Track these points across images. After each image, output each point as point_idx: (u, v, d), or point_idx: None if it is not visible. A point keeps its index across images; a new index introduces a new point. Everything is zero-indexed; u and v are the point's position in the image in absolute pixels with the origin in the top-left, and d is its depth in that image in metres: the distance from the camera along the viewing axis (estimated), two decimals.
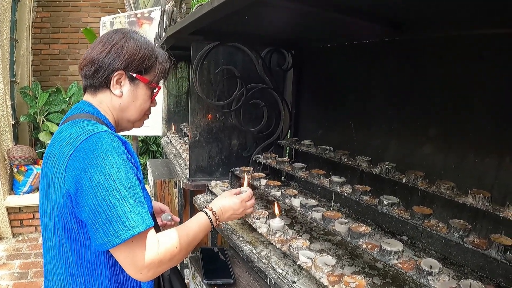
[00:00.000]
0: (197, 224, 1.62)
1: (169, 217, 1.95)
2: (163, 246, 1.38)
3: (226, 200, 1.80)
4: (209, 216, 1.67)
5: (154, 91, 1.66)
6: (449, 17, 1.52)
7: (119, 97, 1.55)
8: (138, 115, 1.64)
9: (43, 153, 6.31)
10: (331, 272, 1.46)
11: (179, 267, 3.69)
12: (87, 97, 1.58)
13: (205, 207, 1.73)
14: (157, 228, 1.67)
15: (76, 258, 1.40)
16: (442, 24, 1.65)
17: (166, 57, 1.67)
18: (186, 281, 2.87)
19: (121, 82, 1.54)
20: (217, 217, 1.71)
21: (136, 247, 1.31)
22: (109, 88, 1.54)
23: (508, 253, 1.26)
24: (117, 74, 1.51)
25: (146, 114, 1.70)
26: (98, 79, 1.52)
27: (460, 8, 1.36)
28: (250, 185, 2.28)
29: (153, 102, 1.69)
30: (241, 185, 2.11)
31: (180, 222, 3.45)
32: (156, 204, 2.05)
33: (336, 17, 1.55)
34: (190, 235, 1.53)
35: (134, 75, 1.54)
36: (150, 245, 1.33)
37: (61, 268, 1.44)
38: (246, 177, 2.07)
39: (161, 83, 1.69)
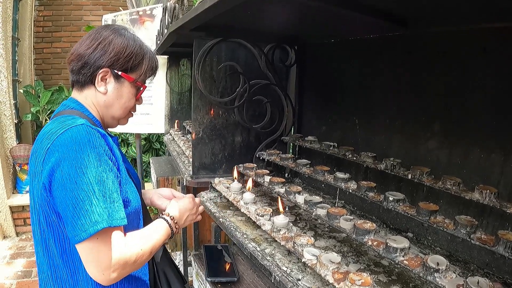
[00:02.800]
0: (159, 230, 1.56)
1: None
2: (128, 247, 1.35)
3: (179, 203, 1.76)
4: (168, 223, 1.61)
5: (140, 89, 1.68)
6: (452, 12, 1.51)
7: (103, 94, 1.57)
8: (122, 112, 1.66)
9: None
10: (336, 270, 1.45)
11: (182, 270, 3.69)
12: (74, 94, 1.61)
13: (163, 213, 1.68)
14: (149, 220, 1.66)
15: (60, 251, 1.41)
16: (445, 19, 1.63)
17: (154, 56, 1.69)
18: (189, 279, 2.85)
19: (106, 80, 1.56)
20: (175, 222, 1.65)
21: (101, 245, 1.29)
22: (94, 84, 1.56)
23: None
24: (102, 72, 1.53)
25: (130, 112, 1.72)
26: (83, 75, 1.54)
27: (463, 3, 1.34)
28: (254, 182, 2.27)
29: (138, 100, 1.71)
30: (245, 182, 2.11)
31: None
32: (167, 190, 2.01)
33: (339, 12, 1.54)
34: (153, 239, 1.48)
35: (120, 73, 1.56)
36: (116, 245, 1.31)
37: (47, 261, 1.45)
38: (250, 179, 2.07)
39: (148, 82, 1.72)
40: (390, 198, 1.64)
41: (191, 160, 2.89)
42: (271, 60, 2.69)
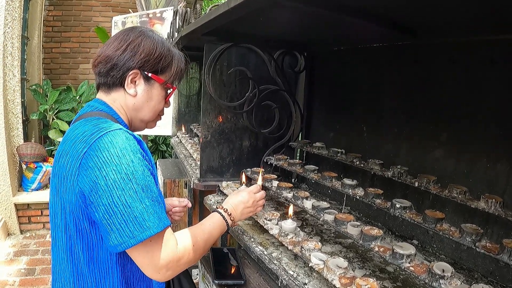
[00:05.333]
0: (211, 222, 1.60)
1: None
2: (181, 244, 1.37)
3: (235, 196, 1.78)
4: (221, 214, 1.65)
5: (169, 91, 1.62)
6: (461, 23, 1.53)
7: (133, 97, 1.52)
8: (151, 115, 1.61)
9: (52, 151, 6.34)
10: (343, 275, 1.47)
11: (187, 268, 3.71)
12: (101, 95, 1.55)
13: (217, 207, 1.71)
14: None
15: (87, 259, 1.38)
16: (454, 29, 1.66)
17: (182, 57, 1.64)
18: (195, 281, 2.88)
19: (135, 82, 1.50)
20: (229, 213, 1.67)
21: (155, 247, 1.30)
22: (123, 87, 1.50)
23: None
24: (132, 73, 1.47)
25: (159, 115, 1.66)
26: (112, 78, 1.48)
27: (472, 14, 1.37)
28: (261, 187, 2.29)
29: (167, 102, 1.65)
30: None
31: (189, 223, 3.45)
32: (167, 202, 2.02)
33: (349, 20, 1.56)
34: (205, 233, 1.52)
35: (150, 74, 1.50)
36: (168, 244, 1.33)
37: (72, 269, 1.41)
38: (260, 177, 2.05)
39: (176, 84, 1.65)
40: (397, 205, 1.66)
41: (198, 163, 2.91)
42: (281, 66, 2.71)
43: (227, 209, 1.69)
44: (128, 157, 1.28)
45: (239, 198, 1.77)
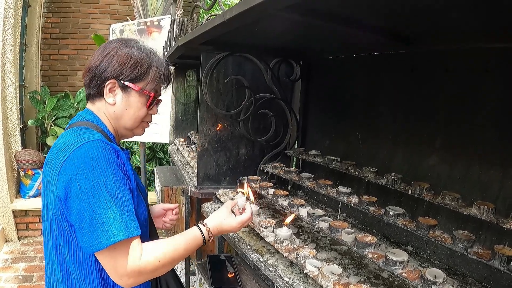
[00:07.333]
0: (187, 240, 1.55)
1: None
2: (145, 257, 1.38)
3: (225, 221, 1.68)
4: (202, 233, 1.61)
5: (149, 98, 1.63)
6: (455, 31, 1.55)
7: (112, 105, 1.58)
8: (133, 122, 1.64)
9: None
10: (337, 281, 1.49)
11: (184, 280, 3.71)
12: (89, 105, 1.64)
13: (201, 222, 1.66)
14: (155, 233, 1.75)
15: (71, 258, 1.46)
16: (448, 37, 1.68)
17: (164, 64, 1.66)
18: None
19: (114, 91, 1.56)
20: (211, 235, 1.63)
21: (118, 254, 1.34)
22: (103, 96, 1.57)
23: (511, 263, 1.28)
24: (109, 83, 1.54)
25: (144, 122, 1.69)
26: (93, 88, 1.57)
27: (465, 23, 1.39)
28: (258, 195, 2.30)
29: (152, 110, 1.67)
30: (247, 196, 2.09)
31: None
32: (159, 207, 2.09)
33: (344, 29, 1.58)
34: (177, 251, 1.49)
35: (126, 83, 1.55)
36: (132, 254, 1.36)
37: (58, 267, 1.50)
38: (247, 188, 1.90)
39: (162, 90, 1.71)
40: (391, 213, 1.68)
41: (195, 170, 2.93)
42: (277, 74, 2.73)
43: (210, 231, 1.63)
44: (101, 167, 1.36)
45: (228, 227, 1.69)
